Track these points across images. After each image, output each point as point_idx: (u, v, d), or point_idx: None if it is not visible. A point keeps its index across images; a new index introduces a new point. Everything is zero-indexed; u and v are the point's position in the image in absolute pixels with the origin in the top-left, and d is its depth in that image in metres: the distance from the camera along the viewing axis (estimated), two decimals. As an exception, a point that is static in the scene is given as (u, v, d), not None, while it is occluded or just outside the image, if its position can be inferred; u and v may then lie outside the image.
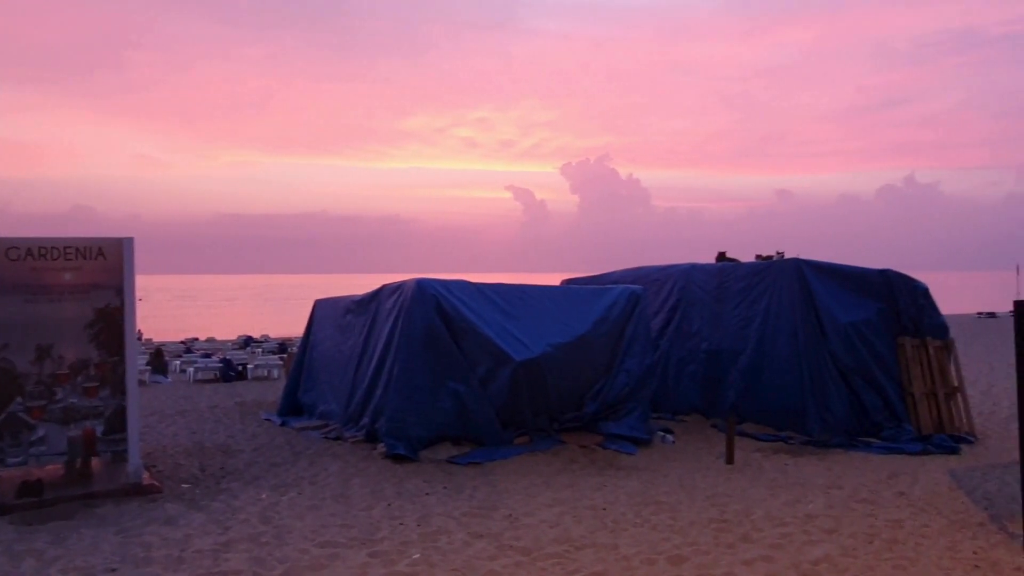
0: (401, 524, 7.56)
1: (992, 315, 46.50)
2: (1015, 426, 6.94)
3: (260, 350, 29.60)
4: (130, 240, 8.98)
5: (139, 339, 35.15)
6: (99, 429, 8.72)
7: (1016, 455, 6.84)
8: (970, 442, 11.37)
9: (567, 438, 11.28)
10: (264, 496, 8.64)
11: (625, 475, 9.62)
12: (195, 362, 23.59)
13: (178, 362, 25.36)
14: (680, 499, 8.46)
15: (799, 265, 12.38)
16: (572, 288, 13.47)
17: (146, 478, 9.05)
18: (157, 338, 38.04)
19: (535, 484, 9.15)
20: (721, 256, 14.92)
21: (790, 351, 12.07)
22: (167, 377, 22.51)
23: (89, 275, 8.75)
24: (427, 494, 8.71)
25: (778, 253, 13.94)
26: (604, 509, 8.05)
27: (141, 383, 18.78)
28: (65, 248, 8.68)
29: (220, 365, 22.44)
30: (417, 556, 6.63)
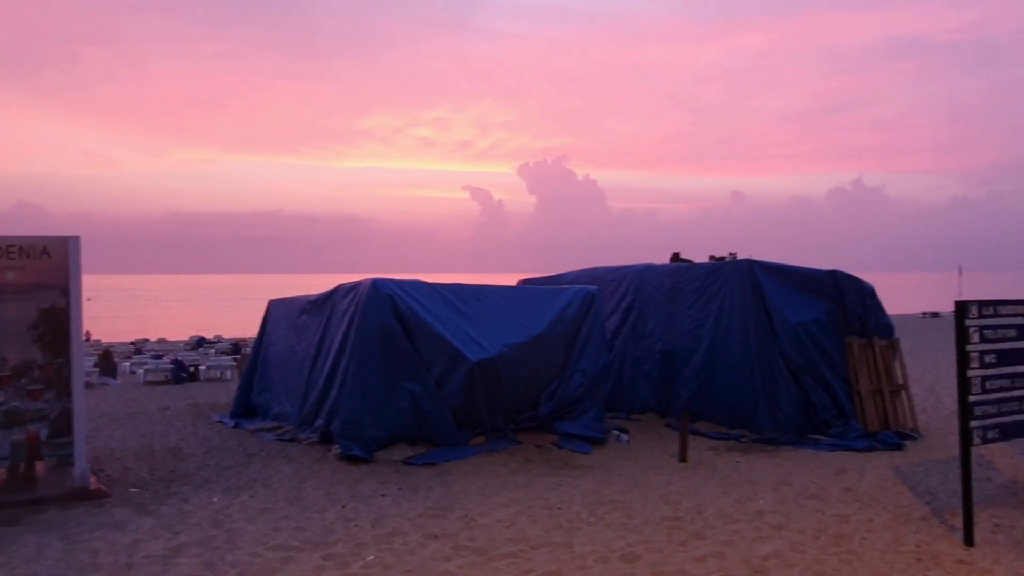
0: (355, 526, 7.51)
1: (936, 315, 47.88)
2: (957, 422, 7.16)
3: (213, 351, 29.16)
4: (76, 239, 8.77)
5: (87, 340, 34.33)
6: (44, 433, 8.49)
7: (957, 451, 7.06)
8: (914, 438, 11.69)
9: (523, 438, 11.31)
10: (215, 499, 8.51)
11: (580, 474, 9.69)
12: (145, 363, 23.15)
13: (128, 363, 24.86)
14: (634, 497, 8.55)
15: (751, 266, 12.61)
16: (528, 288, 13.53)
17: (93, 482, 8.84)
18: (106, 339, 37.25)
19: (491, 484, 9.16)
20: (675, 257, 15.09)
21: (742, 351, 12.28)
22: (116, 379, 22.04)
23: (33, 274, 8.52)
24: (382, 495, 8.66)
25: (731, 254, 14.16)
26: (559, 508, 8.10)
27: (89, 385, 18.36)
28: (8, 247, 8.43)
29: (171, 366, 22.06)
30: (371, 558, 6.60)
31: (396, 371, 10.73)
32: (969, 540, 6.80)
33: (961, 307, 6.96)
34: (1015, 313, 7.30)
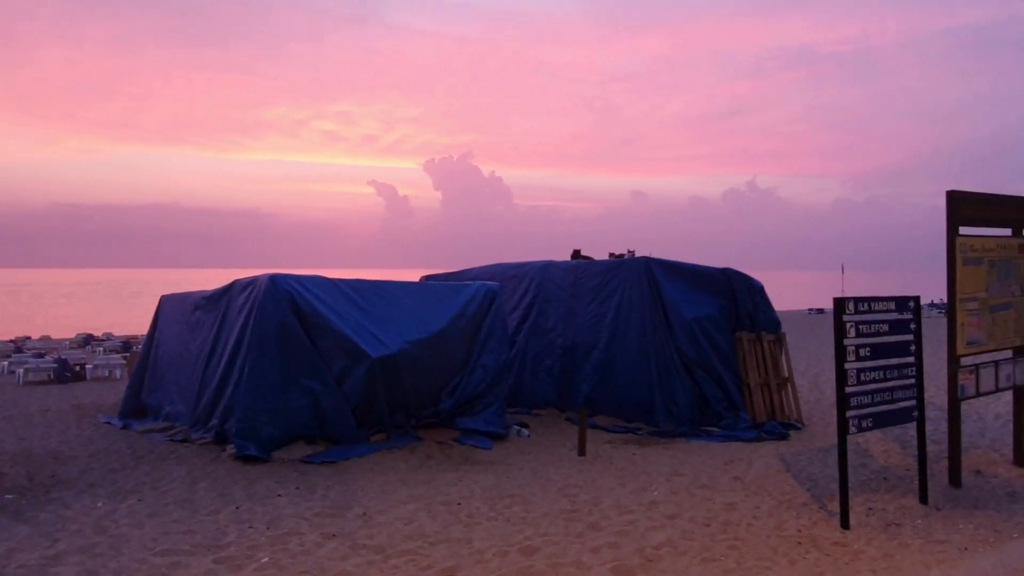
0: (250, 527, 7.33)
1: (821, 311, 50.33)
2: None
3: (101, 349, 27.81)
4: (-55, 231, 8.22)
5: (-41, 338, 32.13)
6: (-93, 438, 7.95)
7: (836, 440, 7.47)
8: (798, 428, 12.28)
9: (424, 434, 11.29)
10: (100, 504, 8.14)
11: (481, 469, 9.75)
12: (25, 362, 21.86)
13: (6, 363, 23.44)
14: (534, 491, 8.66)
15: (648, 263, 12.96)
16: (429, 285, 13.49)
17: (-37, 490, 8.33)
18: (-18, 337, 35.01)
19: (391, 481, 9.11)
20: (576, 254, 15.34)
21: (639, 346, 12.61)
22: (-8, 379, 20.75)
23: None
24: (279, 495, 8.49)
25: (629, 252, 14.50)
26: (459, 504, 8.13)
27: (-39, 386, 17.22)
28: None
29: (54, 365, 20.92)
30: (265, 560, 6.46)
31: (294, 368, 10.53)
32: (845, 523, 7.21)
33: (839, 303, 7.36)
34: (887, 309, 7.78)
